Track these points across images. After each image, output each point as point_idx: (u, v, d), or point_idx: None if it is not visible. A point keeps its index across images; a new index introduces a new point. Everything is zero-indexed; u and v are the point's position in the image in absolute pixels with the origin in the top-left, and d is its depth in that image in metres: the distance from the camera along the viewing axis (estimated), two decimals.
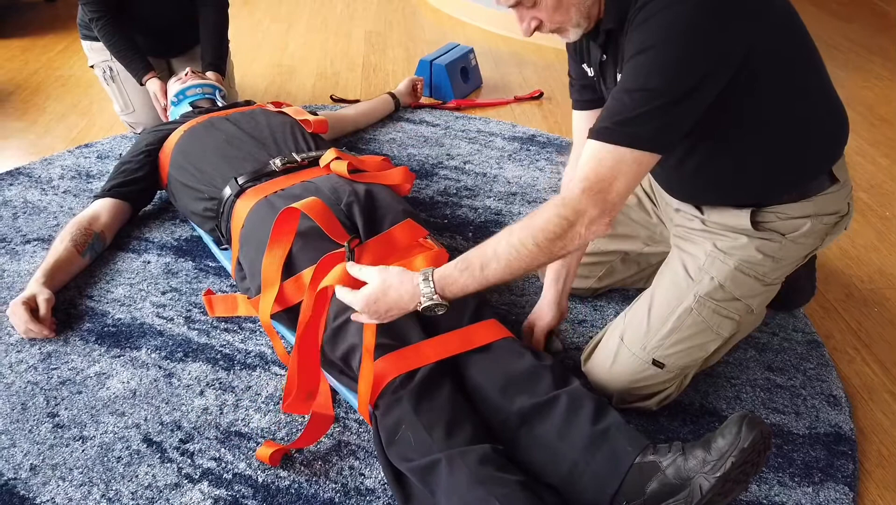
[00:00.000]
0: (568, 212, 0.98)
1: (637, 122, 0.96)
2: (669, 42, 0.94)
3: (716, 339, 1.22)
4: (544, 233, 0.99)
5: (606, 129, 0.98)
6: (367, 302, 1.09)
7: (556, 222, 0.99)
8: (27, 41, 2.95)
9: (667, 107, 0.96)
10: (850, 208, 1.25)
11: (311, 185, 1.46)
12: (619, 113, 0.97)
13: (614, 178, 0.98)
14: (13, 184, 1.91)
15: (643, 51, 0.96)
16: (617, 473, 0.99)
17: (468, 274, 1.04)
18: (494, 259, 1.02)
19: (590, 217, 0.98)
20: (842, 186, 1.20)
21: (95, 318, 1.46)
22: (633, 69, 0.97)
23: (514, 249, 1.01)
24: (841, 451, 1.25)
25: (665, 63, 0.95)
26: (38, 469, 1.15)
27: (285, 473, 1.16)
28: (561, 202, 1.00)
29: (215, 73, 2.10)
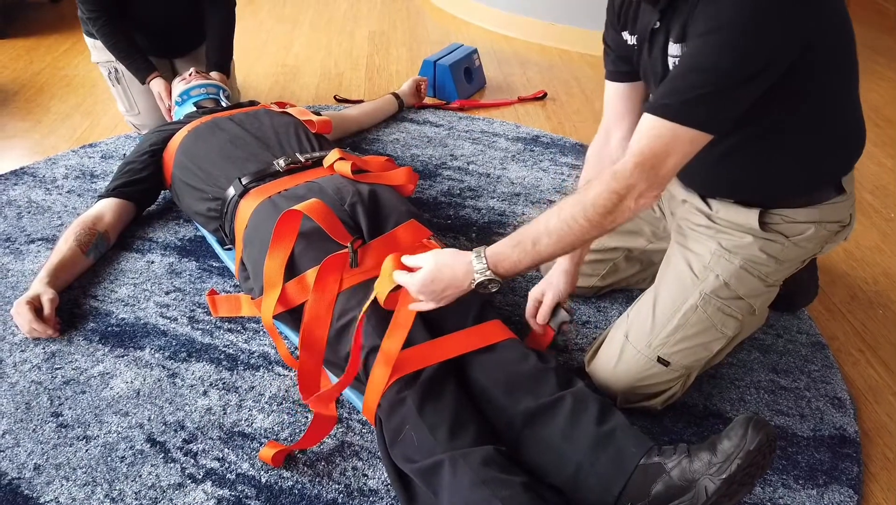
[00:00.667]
0: (619, 186, 0.98)
1: (699, 102, 0.96)
2: (740, 24, 0.93)
3: (720, 338, 1.22)
4: (595, 207, 0.99)
5: (668, 105, 0.97)
6: (423, 283, 1.09)
7: (607, 196, 0.99)
8: (32, 41, 2.96)
9: (731, 89, 0.96)
10: (852, 219, 1.27)
11: (315, 186, 1.46)
12: (682, 91, 0.97)
13: (667, 155, 0.98)
14: (17, 183, 1.91)
15: (714, 30, 0.94)
16: (622, 475, 0.99)
17: (520, 249, 1.04)
18: (546, 234, 1.03)
19: (639, 191, 0.98)
20: (847, 197, 1.22)
21: (99, 317, 1.46)
22: (700, 47, 0.96)
23: (566, 224, 1.01)
24: (845, 453, 1.24)
25: (735, 45, 0.94)
26: (41, 469, 1.15)
27: (288, 474, 1.16)
28: (612, 176, 0.99)
29: (220, 73, 2.10)
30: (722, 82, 0.95)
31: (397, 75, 2.77)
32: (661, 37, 1.10)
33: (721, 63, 0.94)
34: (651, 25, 1.11)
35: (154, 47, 2.08)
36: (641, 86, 1.28)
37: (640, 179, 0.98)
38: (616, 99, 1.30)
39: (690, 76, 0.96)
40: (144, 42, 2.05)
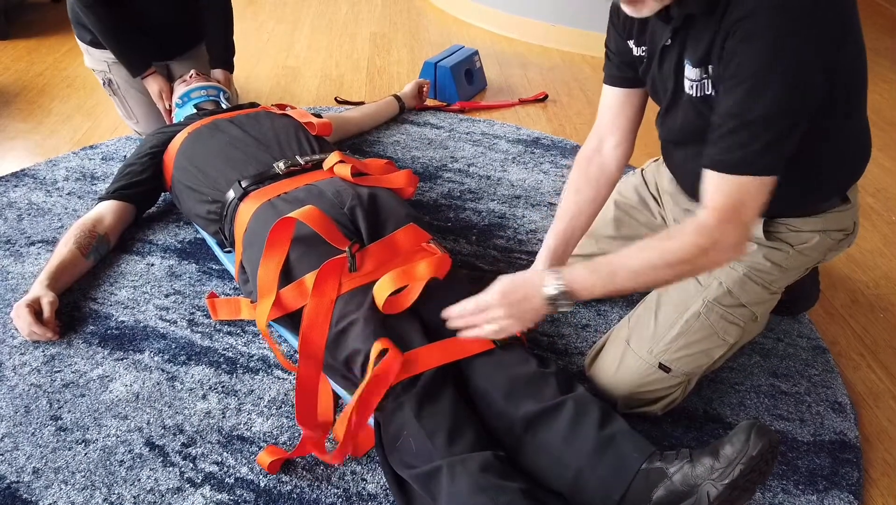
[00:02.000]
0: (704, 240, 1.00)
1: (762, 152, 0.96)
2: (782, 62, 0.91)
3: (721, 345, 1.22)
4: (677, 256, 1.02)
5: (731, 162, 0.97)
6: (502, 292, 1.12)
7: (690, 249, 1.01)
8: (33, 42, 2.96)
9: (785, 132, 0.96)
10: (856, 227, 1.27)
11: (315, 189, 1.46)
12: (741, 146, 0.96)
13: (744, 204, 0.99)
14: (18, 185, 1.91)
15: (755, 76, 0.93)
16: (623, 479, 0.99)
17: (597, 276, 1.06)
18: (623, 269, 1.05)
19: (728, 244, 1.00)
20: (851, 206, 1.23)
21: (99, 320, 1.46)
22: (745, 96, 0.94)
23: (646, 265, 1.04)
24: (846, 458, 1.24)
25: (782, 90, 0.92)
26: (40, 472, 1.15)
27: (287, 478, 1.16)
28: (697, 230, 1.00)
29: (224, 69, 2.09)
30: (775, 128, 0.95)
31: (398, 77, 2.77)
32: (674, 54, 1.09)
33: (772, 110, 0.94)
34: (663, 42, 1.09)
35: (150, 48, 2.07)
36: (640, 93, 1.27)
37: (727, 234, 1.00)
38: (613, 105, 1.29)
39: (744, 130, 0.96)
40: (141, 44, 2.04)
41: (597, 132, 1.32)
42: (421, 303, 1.25)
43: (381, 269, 1.29)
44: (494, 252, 1.73)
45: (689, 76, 1.07)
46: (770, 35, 0.91)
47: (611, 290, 1.07)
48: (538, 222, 1.85)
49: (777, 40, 0.91)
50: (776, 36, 0.91)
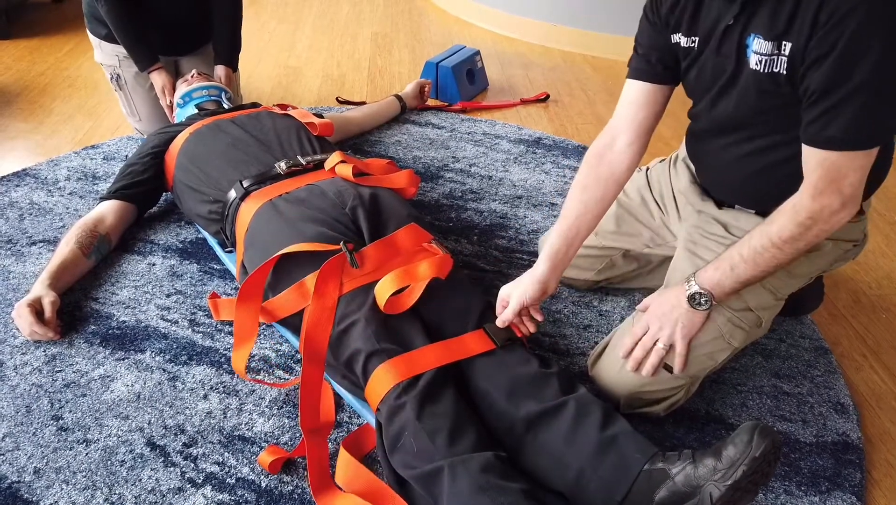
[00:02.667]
0: (802, 218, 1.03)
1: (864, 124, 0.97)
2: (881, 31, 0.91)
3: (726, 348, 1.22)
4: (781, 237, 1.06)
5: (827, 138, 0.99)
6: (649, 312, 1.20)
7: (792, 228, 1.05)
8: (35, 41, 2.96)
9: (881, 96, 0.96)
10: (864, 239, 1.28)
11: (316, 189, 1.46)
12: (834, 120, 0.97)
13: (845, 177, 1.00)
14: (19, 185, 1.91)
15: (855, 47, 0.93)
16: (625, 480, 0.99)
17: (721, 272, 1.12)
18: (742, 260, 1.10)
19: (829, 213, 1.03)
20: (863, 218, 1.24)
21: (100, 320, 1.46)
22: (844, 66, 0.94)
23: (755, 251, 1.08)
24: (848, 459, 1.23)
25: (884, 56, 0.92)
26: (41, 472, 1.15)
27: (288, 478, 1.15)
28: (793, 210, 1.04)
29: (227, 67, 2.09)
30: (879, 97, 0.95)
31: (399, 77, 2.77)
32: (736, 34, 1.07)
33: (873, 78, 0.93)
34: (725, 22, 1.08)
35: (161, 44, 2.08)
36: (665, 90, 1.25)
37: (824, 205, 1.02)
38: (635, 100, 1.25)
39: (847, 101, 0.96)
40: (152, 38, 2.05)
41: (611, 129, 1.28)
42: (422, 303, 1.25)
43: (382, 269, 1.28)
44: (496, 252, 1.73)
45: (757, 50, 1.05)
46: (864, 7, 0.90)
47: (739, 281, 1.12)
48: (540, 222, 1.85)
49: (872, 12, 0.90)
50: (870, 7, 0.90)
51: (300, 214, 1.38)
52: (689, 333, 1.17)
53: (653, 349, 1.18)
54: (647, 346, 1.18)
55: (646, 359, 1.19)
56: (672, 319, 1.17)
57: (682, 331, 1.16)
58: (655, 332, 1.18)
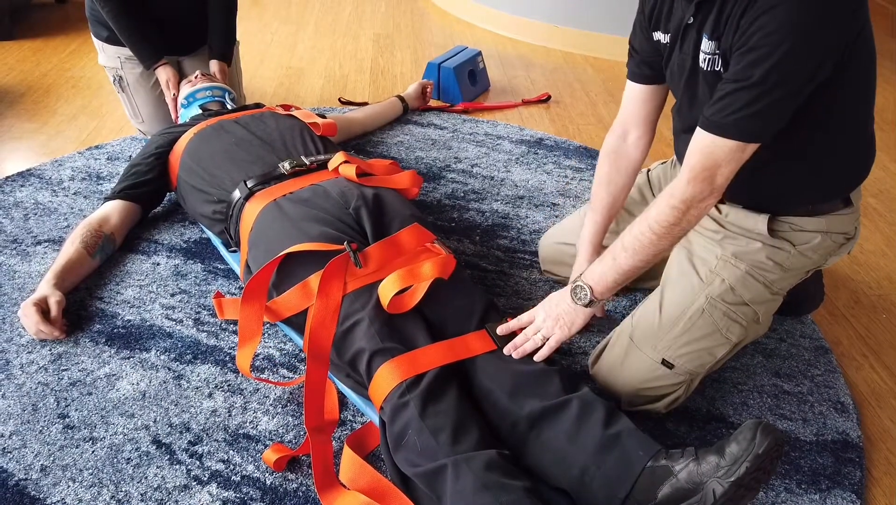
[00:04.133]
0: (676, 201, 1.08)
1: (751, 117, 1.01)
2: (788, 36, 0.95)
3: (724, 343, 1.23)
4: (659, 222, 1.10)
5: (720, 123, 1.03)
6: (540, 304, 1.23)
7: (668, 212, 1.09)
8: (38, 42, 2.97)
9: (779, 101, 1.00)
10: (857, 232, 1.29)
11: (320, 189, 1.47)
12: (733, 108, 1.01)
13: (720, 166, 1.05)
14: (24, 185, 1.92)
15: (761, 45, 0.97)
16: (628, 477, 1.00)
17: (604, 264, 1.16)
18: (622, 249, 1.14)
19: (698, 200, 1.08)
20: (853, 211, 1.25)
21: (105, 319, 1.47)
22: (749, 62, 0.99)
23: (637, 239, 1.12)
24: (848, 458, 1.24)
25: (783, 59, 0.96)
26: (48, 470, 1.16)
27: (293, 476, 1.16)
28: (669, 194, 1.09)
29: (221, 62, 2.10)
30: (771, 96, 0.99)
31: (402, 78, 2.78)
32: (694, 32, 1.13)
33: (768, 78, 0.98)
34: (685, 20, 1.13)
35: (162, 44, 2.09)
36: (662, 89, 1.33)
37: (696, 192, 1.06)
38: (636, 100, 1.35)
39: (740, 93, 1.00)
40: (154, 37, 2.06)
41: (621, 125, 1.39)
42: (425, 303, 1.26)
43: (385, 268, 1.29)
44: (498, 252, 1.74)
45: (704, 49, 1.11)
46: (785, 9, 0.94)
47: (618, 272, 1.15)
48: (541, 223, 1.86)
49: (791, 14, 0.94)
50: (791, 10, 0.94)
51: (304, 214, 1.39)
52: (566, 332, 1.20)
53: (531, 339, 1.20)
54: (527, 334, 1.20)
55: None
56: (555, 314, 1.20)
57: (561, 330, 1.19)
58: (539, 322, 1.20)
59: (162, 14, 2.05)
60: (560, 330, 1.20)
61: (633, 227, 1.14)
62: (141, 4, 1.99)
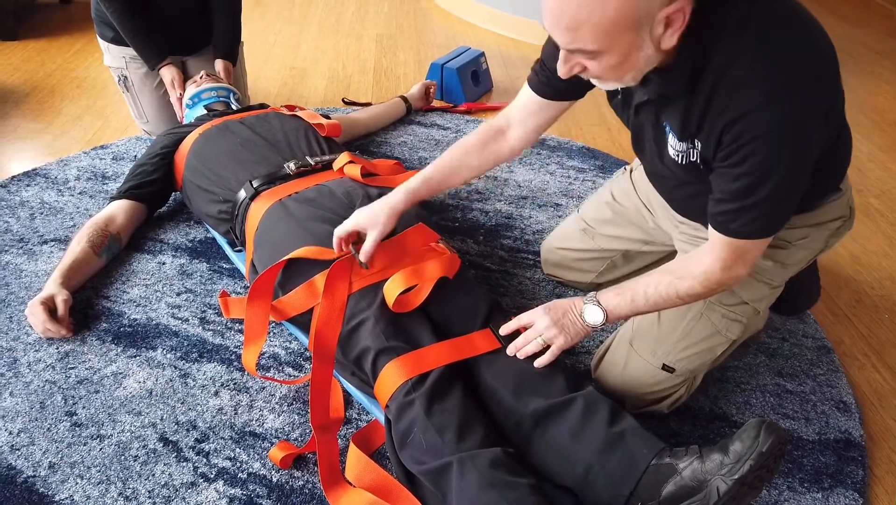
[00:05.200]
0: (712, 284, 1.09)
1: (762, 223, 1.02)
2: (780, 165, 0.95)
3: (724, 342, 1.24)
4: (689, 295, 1.12)
5: (741, 231, 1.03)
6: (545, 307, 1.20)
7: (701, 291, 1.10)
8: (43, 42, 2.98)
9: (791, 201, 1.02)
10: (852, 212, 1.28)
11: (325, 189, 1.48)
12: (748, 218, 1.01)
13: (749, 254, 1.06)
14: (30, 185, 1.93)
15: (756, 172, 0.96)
16: (632, 475, 1.00)
17: (621, 298, 1.16)
18: (643, 298, 1.14)
19: (733, 283, 1.11)
20: (843, 194, 1.23)
21: (112, 318, 1.48)
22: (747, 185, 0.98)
23: (661, 297, 1.13)
24: (851, 457, 1.25)
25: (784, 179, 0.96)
26: (56, 467, 1.17)
27: (299, 474, 1.17)
28: (704, 277, 1.09)
29: (225, 61, 2.11)
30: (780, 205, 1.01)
31: (405, 78, 2.79)
32: (652, 112, 1.09)
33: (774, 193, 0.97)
34: (638, 99, 1.08)
35: (166, 43, 2.10)
36: (559, 106, 1.28)
37: (731, 277, 1.08)
38: (528, 105, 1.29)
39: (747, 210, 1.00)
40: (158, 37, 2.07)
41: (506, 117, 1.33)
42: (430, 302, 1.27)
43: (390, 268, 1.30)
44: (501, 252, 1.75)
45: (672, 145, 1.08)
46: (771, 133, 0.92)
47: (632, 311, 1.16)
48: (545, 223, 1.87)
49: (779, 135, 0.92)
50: (778, 131, 0.92)
51: (309, 214, 1.40)
52: (568, 343, 1.19)
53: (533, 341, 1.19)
54: (529, 337, 1.19)
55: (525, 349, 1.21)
56: (561, 324, 1.18)
57: (563, 338, 1.18)
58: (542, 328, 1.18)
59: (166, 14, 2.06)
60: (562, 338, 1.18)
61: (659, 284, 1.12)
62: (145, 5, 2.00)
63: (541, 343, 1.18)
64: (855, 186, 1.31)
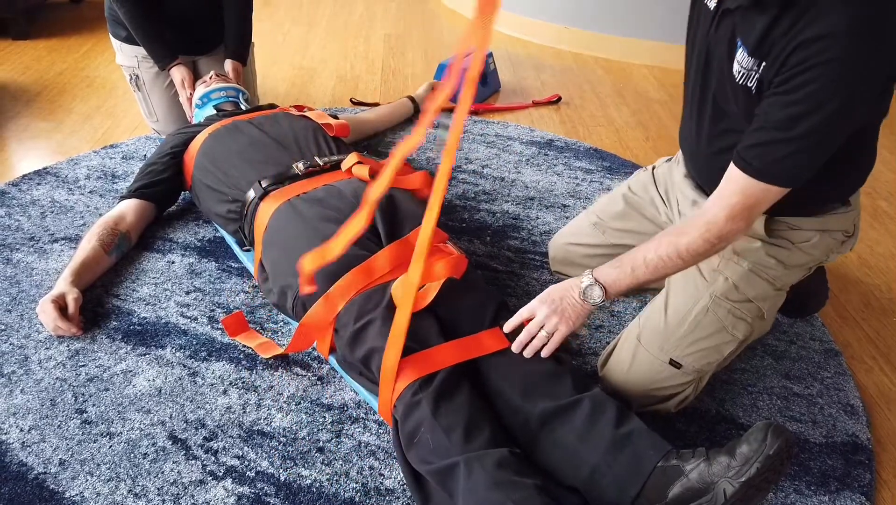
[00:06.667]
0: (712, 236, 1.09)
1: (794, 167, 1.02)
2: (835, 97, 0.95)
3: (730, 341, 1.24)
4: (689, 251, 1.11)
5: (762, 170, 1.03)
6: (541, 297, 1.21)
7: (701, 244, 1.10)
8: (53, 42, 3.00)
9: (821, 152, 1.02)
10: (856, 230, 1.30)
11: (334, 189, 1.49)
12: (775, 157, 1.02)
13: (757, 206, 1.07)
14: (41, 183, 1.95)
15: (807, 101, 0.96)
16: (639, 476, 1.01)
17: (620, 270, 1.17)
18: (643, 265, 1.15)
19: (734, 235, 1.10)
20: (851, 210, 1.26)
21: (122, 316, 1.49)
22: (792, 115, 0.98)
23: (661, 260, 1.13)
24: (858, 460, 1.25)
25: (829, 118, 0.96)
26: (66, 464, 1.18)
27: (307, 472, 1.18)
28: (706, 227, 1.09)
29: (235, 62, 2.12)
30: (814, 148, 1.00)
31: (413, 78, 2.79)
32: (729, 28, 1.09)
33: (815, 131, 0.97)
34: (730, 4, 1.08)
35: (178, 44, 2.11)
36: None
37: (735, 229, 1.08)
38: None
39: (784, 144, 1.00)
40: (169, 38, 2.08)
41: None
42: (438, 302, 1.27)
43: (398, 268, 1.31)
44: (508, 253, 1.75)
45: (740, 61, 1.08)
46: (839, 63, 0.93)
47: (633, 282, 1.16)
48: (552, 224, 1.87)
49: (844, 69, 0.93)
50: (845, 64, 0.93)
51: (318, 214, 1.41)
52: (573, 326, 1.19)
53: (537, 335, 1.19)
54: (532, 331, 1.19)
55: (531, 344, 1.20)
56: (560, 309, 1.19)
57: (564, 324, 1.18)
58: (542, 318, 1.19)
59: (178, 14, 2.07)
60: (564, 325, 1.19)
61: (659, 246, 1.13)
62: (157, 5, 2.01)
63: (544, 336, 1.18)
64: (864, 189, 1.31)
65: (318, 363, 1.39)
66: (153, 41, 2.03)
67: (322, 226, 1.38)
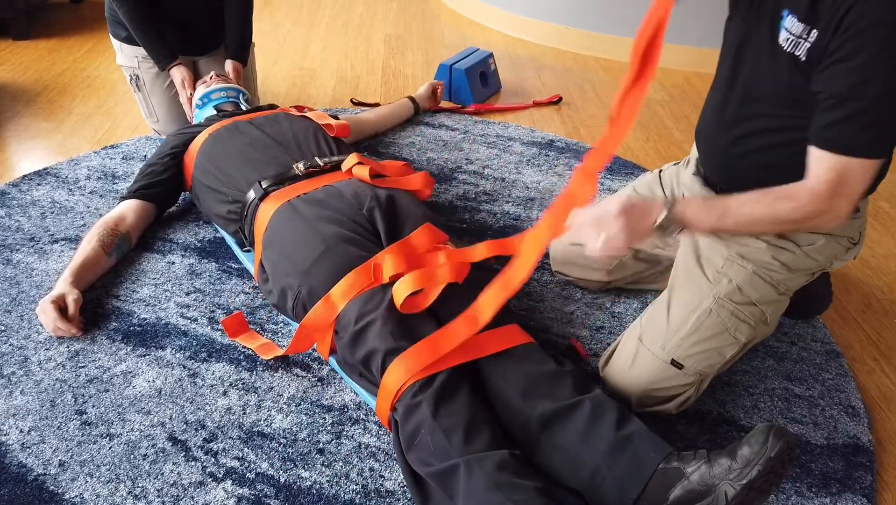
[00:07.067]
0: (818, 208, 1.05)
1: (873, 131, 1.00)
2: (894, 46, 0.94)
3: (733, 344, 1.24)
4: (789, 217, 1.08)
5: (849, 144, 1.01)
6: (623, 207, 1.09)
7: (803, 213, 1.06)
8: (54, 42, 3.00)
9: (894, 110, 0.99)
10: (861, 238, 1.29)
11: (334, 190, 1.48)
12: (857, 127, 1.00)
13: (856, 182, 1.04)
14: (41, 184, 1.95)
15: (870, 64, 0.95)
16: (640, 478, 1.00)
17: (707, 212, 1.12)
18: (732, 216, 1.10)
19: (835, 215, 1.07)
20: (859, 216, 1.25)
21: (122, 317, 1.49)
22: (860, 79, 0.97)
23: (754, 218, 1.10)
24: (859, 462, 1.25)
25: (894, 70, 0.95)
26: (66, 465, 1.18)
27: (307, 474, 1.18)
28: (813, 198, 1.05)
29: (236, 62, 2.12)
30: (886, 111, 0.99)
31: (413, 79, 2.79)
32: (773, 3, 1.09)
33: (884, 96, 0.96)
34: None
35: (178, 44, 2.11)
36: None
37: (837, 205, 1.05)
38: None
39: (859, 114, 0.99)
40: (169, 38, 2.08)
41: None
42: (439, 303, 1.27)
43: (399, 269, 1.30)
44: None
45: (789, 28, 1.07)
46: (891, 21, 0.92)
47: (717, 228, 1.14)
48: None
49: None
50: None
51: (318, 215, 1.41)
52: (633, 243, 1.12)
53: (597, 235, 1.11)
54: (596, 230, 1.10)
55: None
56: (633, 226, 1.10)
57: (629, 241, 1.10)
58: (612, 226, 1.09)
59: (178, 15, 2.07)
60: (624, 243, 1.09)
61: (758, 202, 1.08)
62: (157, 5, 2.01)
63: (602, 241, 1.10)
64: None
65: (318, 364, 1.39)
66: (153, 41, 2.03)
67: (322, 227, 1.37)
